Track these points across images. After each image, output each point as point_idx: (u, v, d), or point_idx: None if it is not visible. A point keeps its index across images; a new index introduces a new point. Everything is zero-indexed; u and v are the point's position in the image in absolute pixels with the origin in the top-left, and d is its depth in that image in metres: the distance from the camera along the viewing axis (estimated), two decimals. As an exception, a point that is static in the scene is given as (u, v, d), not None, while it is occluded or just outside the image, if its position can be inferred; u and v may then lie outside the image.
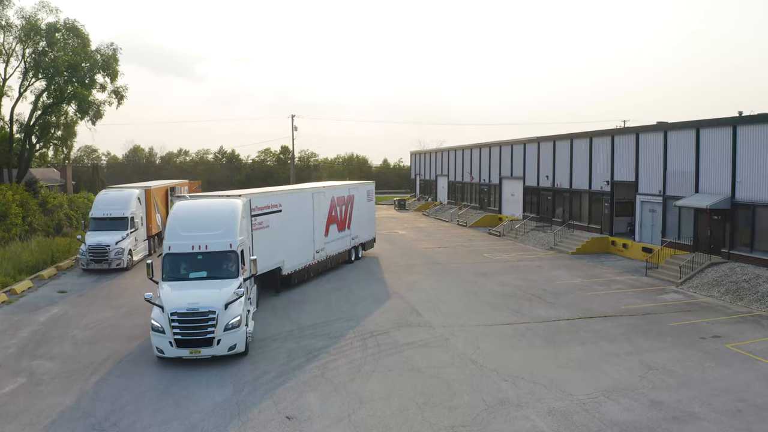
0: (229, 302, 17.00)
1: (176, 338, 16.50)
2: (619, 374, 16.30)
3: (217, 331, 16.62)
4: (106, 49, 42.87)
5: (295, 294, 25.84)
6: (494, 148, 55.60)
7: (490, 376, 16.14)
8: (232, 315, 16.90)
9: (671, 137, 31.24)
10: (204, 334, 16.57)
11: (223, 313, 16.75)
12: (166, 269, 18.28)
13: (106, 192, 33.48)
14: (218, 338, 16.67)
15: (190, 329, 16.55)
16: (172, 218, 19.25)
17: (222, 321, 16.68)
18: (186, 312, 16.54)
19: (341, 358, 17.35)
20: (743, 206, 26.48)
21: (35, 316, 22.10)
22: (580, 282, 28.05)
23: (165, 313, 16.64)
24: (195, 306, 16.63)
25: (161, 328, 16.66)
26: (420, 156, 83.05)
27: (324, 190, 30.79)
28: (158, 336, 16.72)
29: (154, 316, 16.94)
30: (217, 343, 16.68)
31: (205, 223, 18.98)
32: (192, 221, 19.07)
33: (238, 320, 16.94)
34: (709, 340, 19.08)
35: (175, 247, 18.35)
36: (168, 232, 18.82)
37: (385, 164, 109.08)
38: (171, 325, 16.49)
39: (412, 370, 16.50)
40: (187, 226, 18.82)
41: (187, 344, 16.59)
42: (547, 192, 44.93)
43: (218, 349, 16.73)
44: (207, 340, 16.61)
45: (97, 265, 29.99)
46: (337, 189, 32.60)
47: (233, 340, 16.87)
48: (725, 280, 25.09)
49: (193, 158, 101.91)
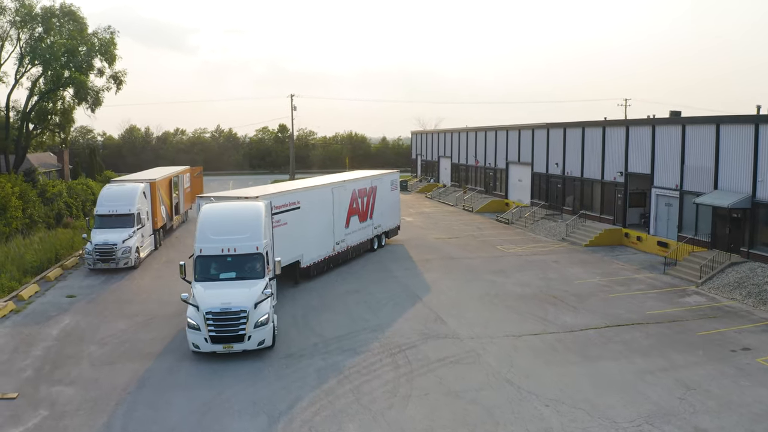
0: (258, 302, 18.39)
1: (211, 335, 17.90)
2: (659, 396, 15.94)
3: (248, 329, 18.00)
4: (104, 33, 41.45)
5: (312, 297, 25.29)
6: (500, 132, 54.77)
7: (529, 400, 15.73)
8: (261, 313, 18.30)
9: (689, 132, 30.60)
10: (236, 331, 17.92)
11: (253, 311, 18.12)
12: (198, 270, 19.49)
13: (110, 187, 32.49)
14: (249, 335, 18.05)
15: (224, 327, 17.91)
16: (202, 222, 20.35)
17: (252, 319, 18.07)
18: (220, 311, 17.92)
19: (374, 380, 16.87)
20: (764, 206, 26.02)
21: (47, 328, 21.38)
22: (599, 281, 27.64)
23: (200, 312, 17.99)
24: (228, 306, 18.01)
25: (197, 325, 18.01)
26: (421, 136, 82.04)
27: (345, 184, 31.46)
28: (194, 333, 18.08)
29: (190, 314, 18.25)
30: (248, 339, 18.07)
31: (232, 227, 20.21)
32: (220, 225, 20.28)
33: (267, 318, 18.38)
34: (740, 354, 18.74)
35: (206, 249, 19.57)
36: (198, 235, 19.90)
37: (384, 143, 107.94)
38: (206, 323, 17.88)
39: (449, 394, 16.05)
40: (217, 230, 20.03)
41: (220, 340, 17.97)
42: (556, 179, 44.34)
43: (249, 344, 18.12)
44: (239, 337, 17.98)
45: (104, 264, 29.21)
46: (358, 182, 33.05)
47: (262, 335, 18.30)
48: (747, 282, 24.73)
49: (189, 137, 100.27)
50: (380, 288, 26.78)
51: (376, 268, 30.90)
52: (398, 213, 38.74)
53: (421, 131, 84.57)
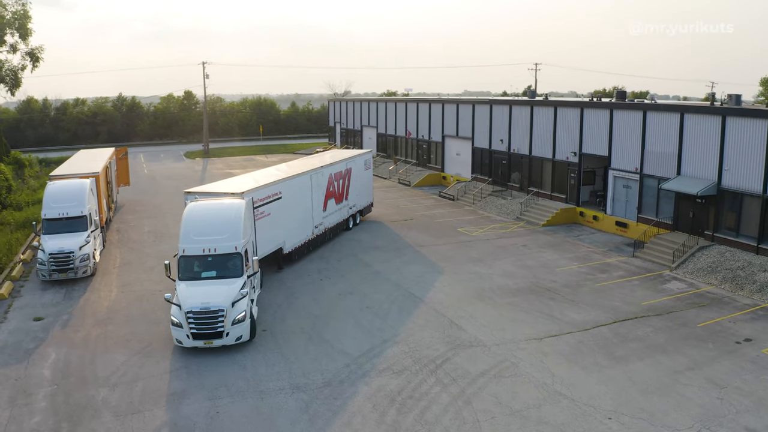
0: (235, 300, 19.58)
1: (192, 332, 19.17)
2: (699, 398, 16.81)
3: (226, 326, 19.29)
4: (14, 4, 36.13)
5: (308, 301, 24.18)
6: (435, 105, 54.61)
7: (590, 414, 16.02)
8: (238, 311, 19.54)
9: (652, 118, 31.93)
10: (215, 328, 19.20)
11: (230, 310, 19.36)
12: (182, 269, 20.55)
13: (54, 185, 28.79)
14: (227, 331, 19.34)
15: (204, 325, 19.16)
16: (186, 222, 21.30)
17: (230, 317, 19.32)
18: (200, 311, 19.12)
19: (432, 405, 16.42)
20: (730, 193, 27.86)
21: (35, 368, 18.76)
22: (578, 268, 28.59)
23: (182, 312, 19.20)
24: (207, 305, 19.22)
25: (179, 323, 19.27)
26: (340, 104, 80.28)
27: (322, 170, 32.39)
28: (177, 330, 19.38)
29: (173, 312, 19.49)
30: (226, 335, 19.37)
31: (213, 228, 21.19)
32: (202, 226, 21.22)
33: (244, 315, 19.62)
34: (745, 346, 20.10)
35: (189, 249, 20.68)
36: (182, 236, 20.95)
37: (294, 108, 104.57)
38: (188, 321, 19.14)
39: (513, 414, 15.98)
40: (199, 230, 21.04)
41: (201, 337, 19.23)
42: (501, 155, 45.05)
43: (227, 340, 19.42)
44: (218, 333, 19.27)
45: (61, 275, 26.13)
46: (334, 165, 34.14)
47: (240, 331, 19.60)
48: (720, 266, 26.56)
49: (90, 107, 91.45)
50: (372, 288, 26.09)
51: (355, 262, 30.06)
52: (371, 191, 40.23)
53: (341, 99, 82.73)
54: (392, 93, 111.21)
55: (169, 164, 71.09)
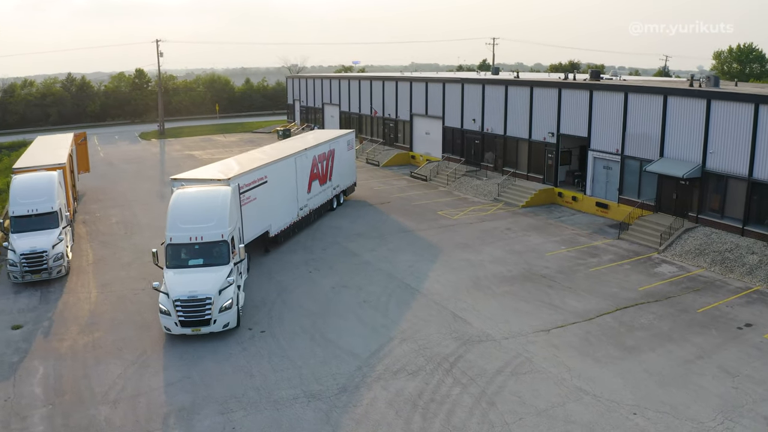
0: (222, 288, 19.73)
1: (180, 320, 19.31)
2: (716, 388, 16.94)
3: (213, 313, 19.41)
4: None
5: (301, 296, 23.33)
6: (403, 83, 53.66)
7: (615, 409, 15.92)
8: (225, 299, 19.72)
9: (633, 100, 31.96)
10: (203, 316, 19.31)
11: (217, 298, 19.51)
12: (169, 257, 20.61)
13: (20, 179, 26.66)
14: (214, 319, 19.47)
15: (191, 312, 19.27)
16: (173, 211, 21.25)
17: (217, 305, 19.49)
18: (187, 299, 19.22)
19: (456, 408, 15.97)
20: (715, 175, 28.22)
21: (24, 385, 17.32)
22: (567, 252, 28.60)
23: (170, 300, 19.29)
24: (194, 293, 19.30)
25: (168, 311, 19.37)
26: (299, 81, 78.21)
27: (306, 152, 32.29)
28: (165, 317, 19.47)
29: (161, 301, 19.58)
30: (214, 323, 19.49)
31: (199, 216, 21.21)
32: (189, 214, 21.24)
33: (230, 302, 19.81)
34: (747, 332, 20.39)
35: (176, 238, 20.69)
36: (169, 224, 20.91)
37: (249, 85, 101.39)
38: (176, 309, 19.25)
39: (540, 414, 15.71)
40: (185, 218, 21.05)
41: (189, 324, 19.34)
42: (474, 135, 44.66)
43: (215, 327, 19.55)
44: (205, 321, 19.38)
45: (34, 276, 24.35)
46: (318, 147, 34.01)
47: (227, 318, 19.77)
48: (708, 248, 26.98)
49: (39, 89, 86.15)
50: (365, 280, 25.41)
51: (341, 251, 29.25)
52: (354, 171, 40.57)
53: (299, 76, 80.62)
54: (348, 68, 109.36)
55: (125, 147, 67.94)
